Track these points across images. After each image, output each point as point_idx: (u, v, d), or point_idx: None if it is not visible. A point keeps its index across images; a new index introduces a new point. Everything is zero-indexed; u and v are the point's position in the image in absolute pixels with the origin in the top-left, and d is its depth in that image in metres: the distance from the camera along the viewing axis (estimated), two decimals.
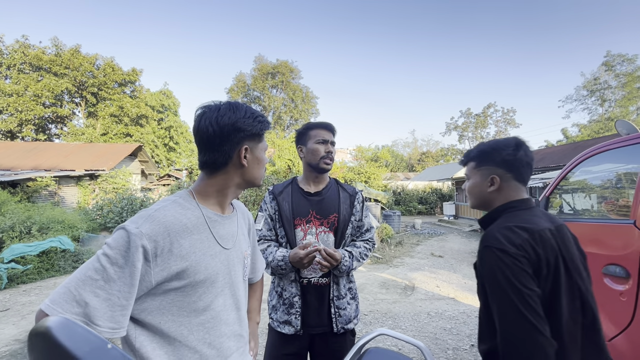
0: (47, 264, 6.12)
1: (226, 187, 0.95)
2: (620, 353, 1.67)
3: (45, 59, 21.76)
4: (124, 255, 0.73)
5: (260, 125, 0.94)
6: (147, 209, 0.84)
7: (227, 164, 0.92)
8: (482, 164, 1.17)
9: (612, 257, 1.76)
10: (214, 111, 0.90)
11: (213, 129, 0.88)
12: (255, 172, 0.97)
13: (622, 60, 28.52)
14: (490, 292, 0.96)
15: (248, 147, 0.93)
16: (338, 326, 1.47)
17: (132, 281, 0.73)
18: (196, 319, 0.85)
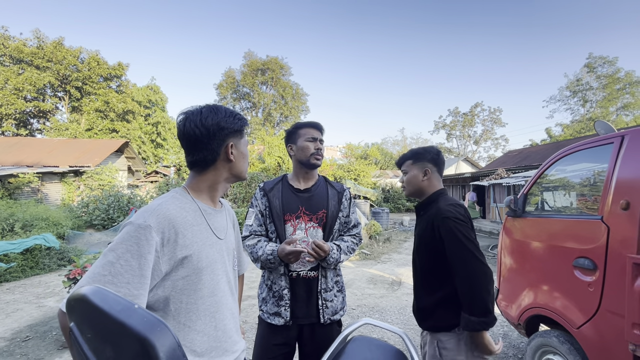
0: (31, 262, 6.01)
1: (216, 182, 1.03)
2: (587, 338, 1.79)
3: (27, 51, 21.08)
4: (132, 248, 0.78)
5: (240, 122, 1.03)
6: (149, 204, 0.90)
7: (215, 161, 1.00)
8: (418, 161, 1.61)
9: (582, 250, 1.88)
10: (196, 115, 0.97)
11: (200, 130, 0.95)
12: (241, 165, 1.05)
13: (603, 62, 29.49)
14: (453, 248, 1.36)
15: (233, 143, 1.01)
16: (325, 317, 1.54)
17: (142, 272, 0.78)
18: (203, 304, 0.92)
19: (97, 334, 0.49)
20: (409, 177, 1.62)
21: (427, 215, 1.52)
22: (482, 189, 15.57)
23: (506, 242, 2.68)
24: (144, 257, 0.79)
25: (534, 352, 2.26)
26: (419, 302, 1.56)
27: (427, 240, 1.47)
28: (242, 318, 3.93)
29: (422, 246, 1.52)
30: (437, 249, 1.42)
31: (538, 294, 2.23)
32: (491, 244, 9.49)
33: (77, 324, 0.52)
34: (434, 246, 1.43)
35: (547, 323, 2.31)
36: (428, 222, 1.47)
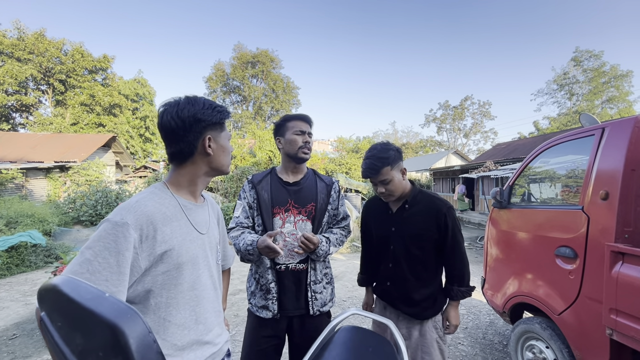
0: (16, 260, 5.89)
1: (196, 176, 1.01)
2: (567, 324, 1.86)
3: (7, 42, 20.34)
4: (110, 245, 0.78)
5: (220, 115, 1.00)
6: (127, 201, 0.89)
7: (193, 154, 0.98)
8: (394, 164, 1.57)
9: (563, 239, 1.94)
10: (174, 106, 0.96)
11: (175, 122, 0.94)
12: (221, 159, 1.03)
13: (589, 56, 29.98)
14: (458, 233, 1.58)
15: (211, 136, 0.99)
16: (314, 309, 1.55)
17: (120, 269, 0.78)
18: (183, 298, 0.93)
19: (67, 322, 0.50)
20: (395, 183, 1.56)
21: (420, 208, 1.60)
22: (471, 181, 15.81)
23: (492, 233, 2.74)
24: (121, 254, 0.79)
25: (517, 339, 2.34)
26: (416, 294, 1.61)
27: (429, 232, 1.57)
28: (234, 311, 3.94)
29: (423, 237, 1.58)
30: (436, 238, 1.57)
31: (522, 282, 2.29)
32: (479, 236, 9.68)
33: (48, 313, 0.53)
34: (436, 237, 1.57)
35: (531, 310, 2.38)
36: (427, 213, 1.58)
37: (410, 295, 1.61)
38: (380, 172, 1.54)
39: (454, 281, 1.61)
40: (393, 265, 1.65)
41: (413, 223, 1.59)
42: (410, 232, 1.59)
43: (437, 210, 1.55)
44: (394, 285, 1.66)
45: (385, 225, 1.68)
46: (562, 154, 2.37)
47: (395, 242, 1.63)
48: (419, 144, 48.84)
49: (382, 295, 1.75)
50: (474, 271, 5.68)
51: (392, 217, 1.67)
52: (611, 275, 1.56)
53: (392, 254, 1.65)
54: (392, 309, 1.71)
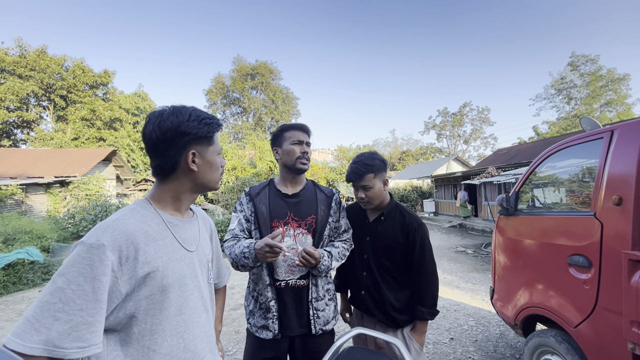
0: (13, 277, 5.78)
1: (179, 192, 0.94)
2: (585, 338, 1.76)
3: (8, 60, 20.59)
4: (84, 270, 0.71)
5: (207, 128, 0.92)
6: (105, 220, 0.82)
7: (175, 169, 0.90)
8: (378, 172, 1.61)
9: (576, 247, 1.85)
10: (157, 116, 0.88)
11: (156, 134, 0.87)
12: (207, 175, 0.95)
13: (585, 60, 30.23)
14: (427, 252, 1.60)
15: (196, 151, 0.90)
16: (317, 328, 1.47)
17: (97, 296, 0.71)
18: (169, 324, 0.84)
19: None
20: (375, 191, 1.61)
21: (393, 221, 1.66)
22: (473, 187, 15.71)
23: (500, 241, 2.65)
24: (98, 279, 0.71)
25: (531, 353, 2.23)
26: (389, 302, 1.62)
27: (399, 244, 1.61)
28: (235, 327, 3.82)
29: (394, 250, 1.62)
30: (407, 251, 1.61)
31: (534, 293, 2.19)
32: (484, 242, 9.54)
33: None
34: (405, 248, 1.61)
35: (544, 322, 2.28)
36: (399, 227, 1.63)
37: (384, 303, 1.62)
38: (364, 178, 1.60)
39: (416, 300, 1.61)
40: (367, 274, 1.68)
41: (386, 235, 1.64)
42: (382, 244, 1.64)
43: (408, 225, 1.61)
44: (369, 294, 1.67)
45: (361, 234, 1.70)
46: (569, 158, 2.30)
47: (368, 252, 1.67)
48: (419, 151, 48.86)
49: (358, 304, 1.76)
50: (479, 279, 5.61)
51: (368, 227, 1.71)
52: (630, 285, 1.47)
53: (366, 263, 1.68)
54: (369, 318, 1.72)
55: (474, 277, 5.83)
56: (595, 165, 1.89)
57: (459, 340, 3.34)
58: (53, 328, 0.66)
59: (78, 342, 0.68)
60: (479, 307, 4.28)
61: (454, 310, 4.19)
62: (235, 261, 1.40)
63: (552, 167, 2.46)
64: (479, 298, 4.68)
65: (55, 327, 0.66)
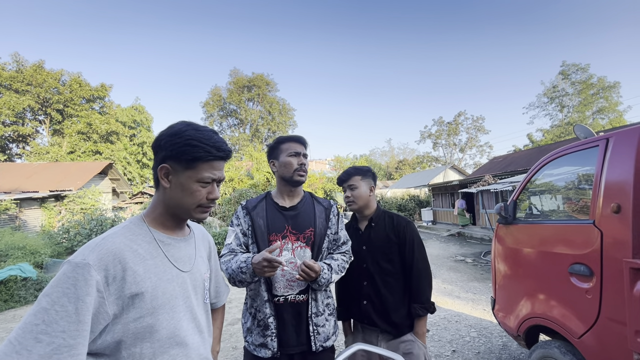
0: (5, 295, 5.65)
1: (164, 207, 0.92)
2: (589, 349, 1.73)
3: (5, 75, 20.69)
4: (68, 291, 0.69)
5: (188, 150, 0.86)
6: (94, 239, 0.80)
7: (158, 183, 0.91)
8: (365, 177, 1.77)
9: (576, 256, 1.83)
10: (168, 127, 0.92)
11: (152, 144, 0.91)
12: (177, 197, 0.88)
13: (576, 69, 30.86)
14: (417, 247, 1.69)
15: (170, 167, 0.87)
16: (317, 344, 1.43)
17: (79, 317, 0.69)
18: (160, 348, 0.81)
19: None
20: (359, 191, 1.75)
21: (383, 224, 1.75)
22: (470, 195, 15.74)
23: (499, 250, 2.63)
24: (81, 300, 0.69)
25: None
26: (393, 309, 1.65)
27: (393, 243, 1.70)
28: (232, 343, 3.73)
29: (390, 250, 1.70)
30: (398, 252, 1.69)
31: (536, 303, 2.16)
32: (483, 251, 9.50)
33: None
34: (396, 250, 1.69)
35: (548, 333, 2.24)
36: (389, 228, 1.73)
37: (387, 310, 1.65)
38: (351, 178, 1.76)
39: (411, 297, 1.67)
40: (368, 282, 1.70)
41: (379, 238, 1.73)
42: (378, 247, 1.71)
43: (397, 224, 1.73)
44: (371, 303, 1.69)
45: (356, 245, 1.75)
46: (566, 166, 2.31)
47: (367, 260, 1.72)
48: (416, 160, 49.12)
49: (360, 316, 1.75)
50: (480, 289, 5.55)
51: (362, 236, 1.78)
52: (633, 294, 1.45)
53: (365, 272, 1.71)
54: (371, 329, 1.71)
55: (475, 287, 5.77)
56: (592, 172, 1.89)
57: (461, 352, 3.28)
58: (34, 351, 0.64)
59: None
60: (480, 318, 4.22)
61: (455, 322, 4.12)
62: (232, 277, 1.37)
63: (549, 175, 2.46)
64: (480, 308, 4.62)
65: (37, 349, 0.65)
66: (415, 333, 1.65)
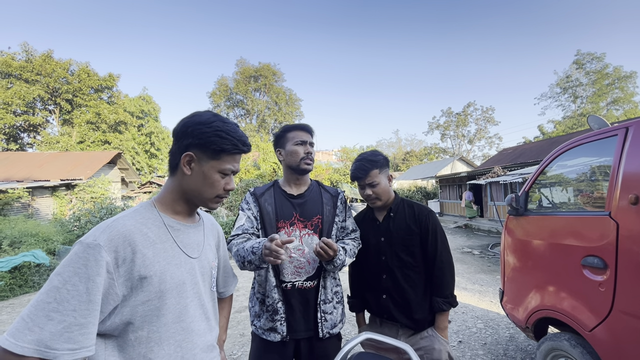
0: (20, 280, 5.81)
1: (178, 193, 0.92)
2: (601, 342, 1.70)
3: (15, 65, 20.86)
4: (80, 270, 0.70)
5: (216, 140, 0.88)
6: (104, 221, 0.81)
7: (176, 168, 0.91)
8: (383, 168, 1.62)
9: (590, 248, 1.79)
10: (190, 115, 0.93)
11: (175, 128, 0.91)
12: (198, 186, 0.90)
13: (591, 58, 29.92)
14: (440, 238, 1.59)
15: (195, 155, 0.88)
16: (324, 331, 1.44)
17: (90, 297, 0.70)
18: (166, 332, 0.82)
19: None
20: (382, 187, 1.61)
21: (403, 214, 1.64)
22: (478, 187, 15.57)
23: (509, 242, 2.59)
24: (92, 280, 0.70)
25: (544, 356, 2.16)
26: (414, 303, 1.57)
27: (414, 237, 1.59)
28: (240, 330, 3.79)
29: (411, 242, 1.59)
30: (421, 243, 1.59)
31: (545, 295, 2.13)
32: (490, 243, 9.44)
33: None
34: (417, 241, 1.59)
35: (557, 325, 2.22)
36: (410, 218, 1.62)
37: (409, 305, 1.57)
38: (369, 174, 1.58)
39: (433, 290, 1.59)
40: (387, 276, 1.61)
41: (399, 229, 1.61)
42: (398, 239, 1.60)
43: (419, 214, 1.61)
44: (391, 297, 1.60)
45: (374, 237, 1.66)
46: (581, 156, 2.24)
47: (386, 252, 1.61)
48: (423, 151, 48.64)
49: (378, 311, 1.67)
50: (487, 281, 5.52)
51: (380, 227, 1.66)
52: None
53: (384, 264, 1.62)
54: (391, 324, 1.65)
55: (481, 279, 5.74)
56: (608, 163, 1.83)
57: (467, 343, 3.28)
58: (46, 328, 0.65)
59: (69, 344, 0.67)
60: (487, 309, 4.21)
61: (461, 313, 4.12)
62: (243, 256, 1.31)
63: (563, 166, 2.40)
64: (487, 300, 4.60)
65: (48, 327, 0.66)
66: (437, 328, 1.58)
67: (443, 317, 1.58)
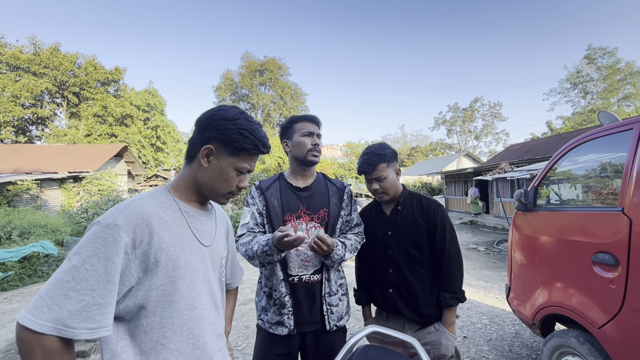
0: (29, 270, 5.91)
1: (192, 182, 0.92)
2: (610, 339, 1.67)
3: (23, 58, 21.01)
4: (98, 250, 0.69)
5: (238, 138, 0.88)
6: (122, 202, 0.81)
7: (193, 158, 0.90)
8: (390, 162, 1.58)
9: (601, 244, 1.76)
10: (217, 107, 0.93)
11: (200, 118, 0.91)
12: (213, 180, 0.90)
13: (603, 53, 29.25)
14: (448, 233, 1.56)
15: (215, 149, 0.88)
16: (330, 324, 1.43)
17: (109, 277, 0.69)
18: (179, 318, 0.81)
19: None
20: (389, 181, 1.57)
21: (411, 208, 1.61)
22: (484, 184, 15.44)
23: (516, 238, 2.56)
24: (110, 260, 0.70)
25: (550, 353, 2.14)
26: (421, 297, 1.55)
27: (423, 228, 1.56)
28: (245, 322, 3.82)
29: (419, 236, 1.56)
30: (430, 237, 1.56)
31: (553, 292, 2.11)
32: (496, 240, 9.37)
33: None
34: (425, 235, 1.56)
35: (564, 322, 2.19)
36: (418, 212, 1.58)
37: (415, 299, 1.55)
38: (377, 168, 1.55)
39: (440, 285, 1.56)
40: (394, 270, 1.59)
41: (407, 223, 1.58)
42: (406, 233, 1.57)
43: (427, 208, 1.58)
44: (397, 291, 1.59)
45: (381, 230, 1.64)
46: (594, 151, 2.19)
47: (393, 246, 1.59)
48: (429, 147, 48.27)
49: (385, 305, 1.66)
50: (492, 277, 5.49)
51: (387, 221, 1.64)
52: None
53: (391, 258, 1.60)
54: (397, 318, 1.63)
55: (487, 275, 5.71)
56: (622, 158, 1.79)
57: (472, 338, 3.27)
58: (64, 307, 0.65)
59: (88, 323, 0.66)
60: (492, 306, 4.18)
61: (466, 308, 4.10)
62: (260, 260, 1.32)
63: (574, 161, 2.35)
64: (492, 296, 4.58)
65: (67, 305, 0.65)
66: (444, 323, 1.55)
67: (450, 313, 1.55)
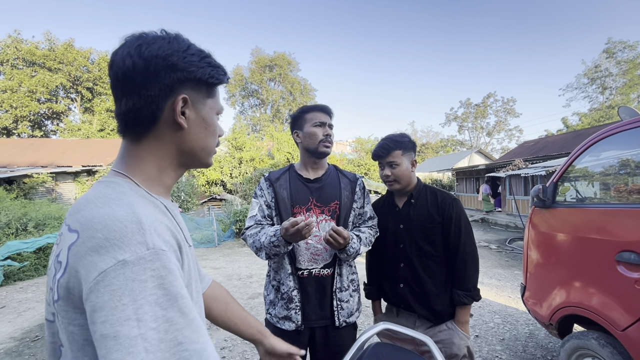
0: (44, 261, 6.06)
1: (165, 160, 0.62)
2: (635, 342, 1.59)
3: (39, 53, 21.43)
4: (161, 300, 0.46)
5: (211, 71, 0.62)
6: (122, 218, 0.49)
7: (156, 121, 0.58)
8: (407, 151, 1.53)
9: (626, 243, 1.67)
10: (138, 38, 0.58)
11: (132, 61, 0.55)
12: (201, 139, 0.63)
13: (623, 47, 28.21)
14: (464, 228, 1.50)
15: (188, 97, 0.59)
16: (340, 320, 1.39)
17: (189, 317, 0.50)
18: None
19: None
20: (401, 169, 1.52)
21: (425, 201, 1.55)
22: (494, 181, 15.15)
23: (533, 236, 2.47)
24: (181, 297, 0.48)
25: (568, 355, 2.07)
26: (432, 293, 1.50)
27: (436, 225, 1.51)
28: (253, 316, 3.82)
29: (433, 231, 1.51)
30: (444, 232, 1.51)
31: (572, 291, 2.02)
32: (508, 238, 9.19)
33: None
34: (439, 230, 1.51)
35: (583, 323, 2.11)
36: (432, 206, 1.53)
37: (427, 296, 1.50)
38: (391, 154, 1.52)
39: (454, 282, 1.51)
40: (405, 265, 1.55)
41: (420, 216, 1.53)
42: (419, 227, 1.52)
43: (442, 201, 1.53)
44: (408, 286, 1.54)
45: (393, 223, 1.59)
46: (616, 146, 2.08)
47: (404, 240, 1.55)
48: (440, 143, 47.61)
49: (395, 300, 1.61)
50: (505, 275, 5.37)
51: (399, 214, 1.59)
52: None
53: (402, 252, 1.55)
54: (408, 314, 1.58)
55: (499, 273, 5.60)
56: None
57: (484, 338, 3.19)
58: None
59: None
60: (505, 305, 4.09)
61: (478, 307, 4.02)
62: (267, 251, 1.30)
63: (596, 156, 2.25)
64: (505, 295, 4.48)
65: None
66: (457, 321, 1.50)
67: (464, 311, 1.49)
